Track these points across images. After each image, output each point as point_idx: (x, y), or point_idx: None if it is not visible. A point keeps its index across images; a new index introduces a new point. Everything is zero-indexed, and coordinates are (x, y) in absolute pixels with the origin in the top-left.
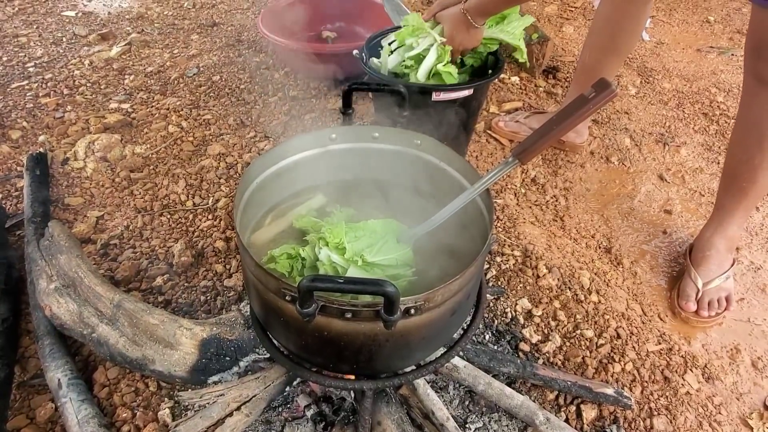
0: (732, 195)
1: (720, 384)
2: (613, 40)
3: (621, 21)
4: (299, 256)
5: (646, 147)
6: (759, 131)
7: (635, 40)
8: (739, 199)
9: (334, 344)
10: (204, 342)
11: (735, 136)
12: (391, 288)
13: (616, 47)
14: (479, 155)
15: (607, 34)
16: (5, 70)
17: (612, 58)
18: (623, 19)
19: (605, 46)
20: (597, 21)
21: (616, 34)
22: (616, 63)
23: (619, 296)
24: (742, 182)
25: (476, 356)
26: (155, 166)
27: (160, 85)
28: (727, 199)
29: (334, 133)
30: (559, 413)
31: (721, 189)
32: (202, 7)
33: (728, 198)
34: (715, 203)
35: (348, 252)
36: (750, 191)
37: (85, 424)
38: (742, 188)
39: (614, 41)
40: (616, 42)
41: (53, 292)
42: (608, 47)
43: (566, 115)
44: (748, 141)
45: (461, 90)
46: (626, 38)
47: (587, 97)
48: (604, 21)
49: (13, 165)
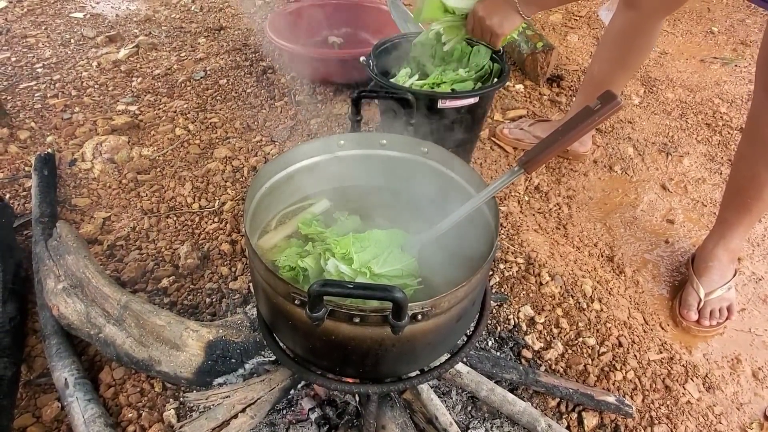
0: (735, 209)
1: (721, 394)
2: (625, 56)
3: (634, 37)
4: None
5: (649, 156)
6: (765, 147)
7: (646, 55)
8: (743, 214)
9: (341, 348)
10: (210, 344)
11: (741, 150)
12: (399, 294)
13: (626, 62)
14: (483, 162)
15: (618, 49)
16: (14, 70)
17: (622, 72)
18: (636, 36)
19: (616, 60)
20: (609, 35)
21: (628, 49)
22: (626, 77)
23: (621, 305)
24: (747, 198)
25: (479, 362)
26: (162, 169)
27: (168, 87)
28: (730, 212)
29: (342, 140)
30: (560, 420)
31: (724, 202)
32: (209, 11)
33: (731, 212)
34: (717, 215)
35: (355, 263)
36: (754, 207)
37: (91, 424)
38: (746, 203)
39: (625, 56)
40: (628, 57)
41: (61, 292)
42: (619, 62)
43: (571, 126)
44: (755, 157)
45: (467, 98)
46: (638, 54)
47: (593, 108)
48: (617, 35)
49: (22, 165)
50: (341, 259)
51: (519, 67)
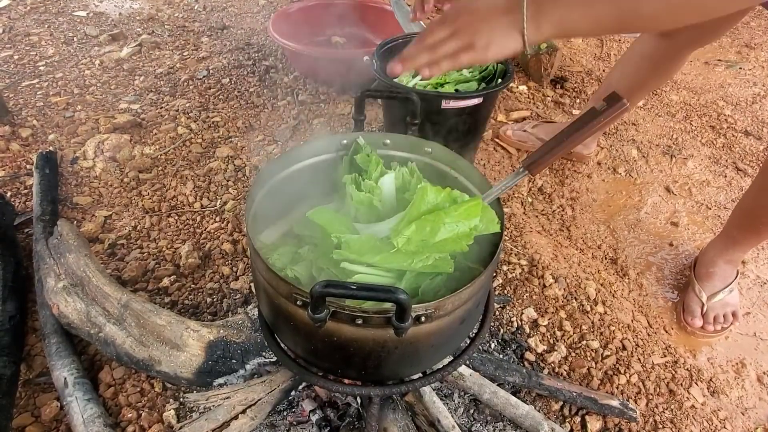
0: (744, 230)
1: (725, 398)
2: (648, 79)
3: (661, 63)
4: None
5: (653, 159)
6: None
7: (667, 79)
8: (751, 236)
9: (343, 349)
10: (211, 344)
11: (760, 180)
12: (403, 295)
13: (648, 84)
14: (487, 163)
15: (643, 71)
16: (17, 68)
17: (640, 91)
18: (664, 63)
19: (638, 81)
20: (635, 55)
21: (653, 73)
22: (643, 96)
23: (625, 308)
24: (759, 224)
25: (482, 365)
26: (164, 167)
27: (170, 86)
28: (738, 231)
29: (345, 139)
30: (563, 424)
31: (733, 220)
32: (212, 10)
33: (740, 231)
34: (724, 227)
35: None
36: (764, 232)
37: (90, 424)
38: (756, 228)
39: (649, 79)
40: (650, 80)
41: (61, 290)
42: (641, 83)
43: (576, 128)
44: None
45: (471, 98)
46: (661, 78)
47: (598, 110)
48: (644, 59)
49: (23, 163)
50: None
51: (523, 68)
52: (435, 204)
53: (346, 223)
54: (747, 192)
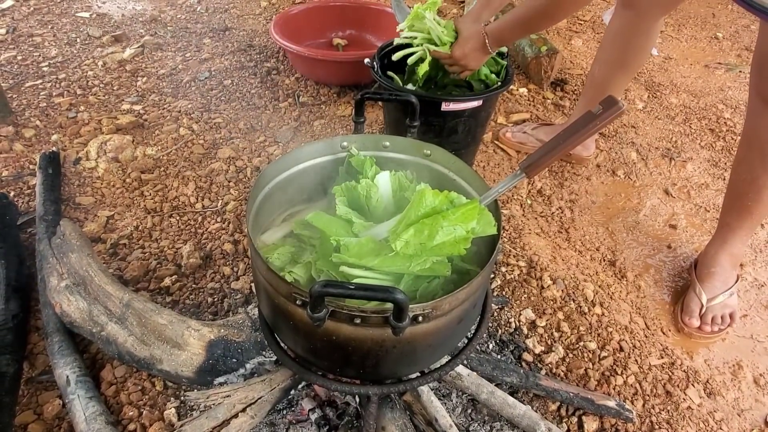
0: (737, 213)
1: (721, 399)
2: (624, 56)
3: (632, 37)
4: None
5: (652, 161)
6: (763, 151)
7: (645, 56)
8: (744, 218)
9: (341, 349)
10: (211, 343)
11: (740, 154)
12: (400, 295)
13: (626, 63)
14: (486, 165)
15: (617, 50)
16: (20, 69)
17: (621, 73)
18: (634, 36)
19: (615, 61)
20: (608, 36)
21: (626, 50)
22: (626, 78)
23: (623, 309)
24: (747, 201)
25: (480, 365)
26: (166, 168)
27: (172, 87)
28: (731, 217)
29: (345, 141)
30: (560, 424)
31: (725, 207)
32: (214, 12)
33: (733, 216)
34: (719, 220)
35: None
36: (755, 210)
37: (92, 421)
38: (746, 207)
39: (624, 57)
40: (626, 58)
41: (64, 289)
42: (618, 63)
43: (574, 131)
44: (753, 160)
45: (470, 101)
46: (636, 54)
47: (595, 113)
48: (615, 36)
49: (26, 163)
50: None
51: (523, 70)
52: (433, 207)
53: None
54: (731, 173)
